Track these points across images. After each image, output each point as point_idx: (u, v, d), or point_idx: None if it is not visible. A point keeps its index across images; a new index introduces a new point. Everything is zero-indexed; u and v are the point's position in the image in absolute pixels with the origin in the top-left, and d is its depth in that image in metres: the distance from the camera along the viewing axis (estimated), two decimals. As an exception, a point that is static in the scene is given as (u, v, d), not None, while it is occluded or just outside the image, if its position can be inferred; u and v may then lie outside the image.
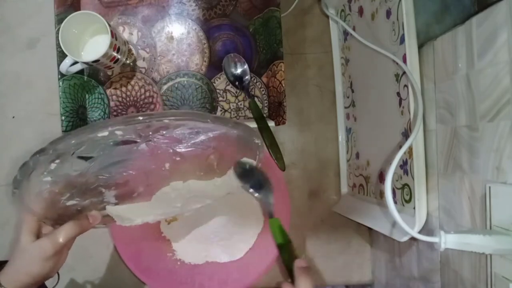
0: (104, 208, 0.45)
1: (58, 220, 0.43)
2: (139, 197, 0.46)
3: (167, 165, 0.42)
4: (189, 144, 0.39)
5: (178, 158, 0.41)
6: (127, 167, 0.41)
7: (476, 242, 0.33)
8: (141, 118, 0.33)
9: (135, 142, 0.36)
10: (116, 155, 0.37)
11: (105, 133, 0.33)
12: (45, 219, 0.42)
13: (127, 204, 0.46)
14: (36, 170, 0.35)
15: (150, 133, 0.35)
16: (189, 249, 0.62)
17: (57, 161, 0.34)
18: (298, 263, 0.34)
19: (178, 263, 0.62)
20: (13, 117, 0.64)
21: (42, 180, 0.36)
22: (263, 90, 0.63)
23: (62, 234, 0.41)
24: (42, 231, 0.43)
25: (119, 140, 0.35)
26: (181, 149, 0.40)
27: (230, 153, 0.45)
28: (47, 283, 0.46)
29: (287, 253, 0.35)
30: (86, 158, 0.36)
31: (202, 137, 0.39)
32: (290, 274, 0.33)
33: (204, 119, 0.36)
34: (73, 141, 0.33)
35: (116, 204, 0.45)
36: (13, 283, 0.41)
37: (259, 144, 0.43)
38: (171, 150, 0.40)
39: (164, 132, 0.36)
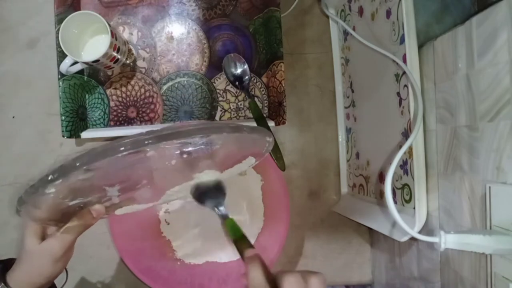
0: (106, 201, 0.45)
1: (62, 219, 0.43)
2: (141, 188, 0.46)
3: (173, 161, 0.42)
4: (198, 144, 0.39)
5: (185, 156, 0.41)
6: (133, 169, 0.41)
7: (476, 242, 0.33)
8: (152, 141, 0.31)
9: (145, 152, 0.36)
10: (124, 163, 0.37)
11: (117, 155, 0.32)
12: (48, 221, 0.42)
13: (130, 193, 0.46)
14: (39, 189, 0.34)
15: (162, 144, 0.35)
16: (189, 249, 0.62)
17: (62, 178, 0.34)
18: (246, 254, 0.35)
19: (178, 263, 0.62)
20: (13, 117, 0.64)
21: (45, 193, 0.36)
22: (263, 90, 0.63)
23: (68, 231, 0.40)
24: (47, 232, 0.42)
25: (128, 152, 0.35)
26: (189, 148, 0.40)
27: (238, 149, 0.45)
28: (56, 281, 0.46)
29: (241, 247, 0.36)
30: (92, 170, 0.36)
31: (212, 138, 0.39)
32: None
33: (221, 132, 0.35)
34: (84, 167, 0.32)
35: (118, 196, 0.45)
36: (23, 286, 0.40)
37: (271, 141, 0.43)
38: (179, 152, 0.40)
39: (175, 141, 0.36)
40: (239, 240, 0.38)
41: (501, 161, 0.34)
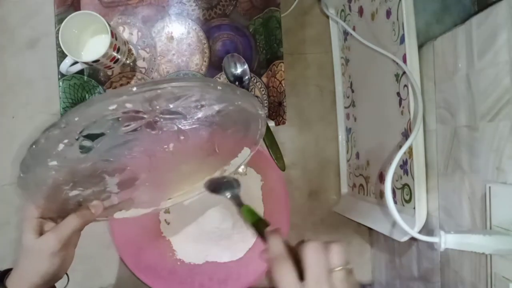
0: (106, 198, 0.45)
1: (60, 214, 0.43)
2: (141, 185, 0.46)
3: (171, 145, 0.41)
4: (194, 120, 0.38)
5: (182, 137, 0.40)
6: (131, 149, 0.40)
7: (476, 242, 0.33)
8: (147, 87, 0.31)
9: (142, 118, 0.35)
10: (121, 135, 0.36)
11: (115, 106, 0.31)
12: (47, 212, 0.42)
13: (129, 191, 0.45)
14: (43, 152, 0.33)
15: (157, 106, 0.34)
16: (189, 249, 0.62)
17: (65, 141, 0.33)
18: (268, 230, 0.36)
19: (178, 263, 0.62)
20: (13, 117, 0.64)
21: (48, 165, 0.35)
22: (263, 90, 0.63)
23: (66, 226, 0.40)
24: (45, 228, 0.42)
25: (126, 116, 0.34)
26: (185, 126, 0.39)
27: (233, 132, 0.45)
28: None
29: (260, 228, 0.36)
30: (92, 138, 0.35)
31: (207, 112, 0.38)
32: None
33: (214, 85, 0.36)
34: (85, 112, 0.31)
35: (117, 193, 0.44)
36: (21, 286, 0.39)
37: (262, 115, 0.43)
38: (176, 128, 0.39)
39: (171, 106, 0.35)
40: (257, 223, 0.38)
41: (501, 161, 0.34)
